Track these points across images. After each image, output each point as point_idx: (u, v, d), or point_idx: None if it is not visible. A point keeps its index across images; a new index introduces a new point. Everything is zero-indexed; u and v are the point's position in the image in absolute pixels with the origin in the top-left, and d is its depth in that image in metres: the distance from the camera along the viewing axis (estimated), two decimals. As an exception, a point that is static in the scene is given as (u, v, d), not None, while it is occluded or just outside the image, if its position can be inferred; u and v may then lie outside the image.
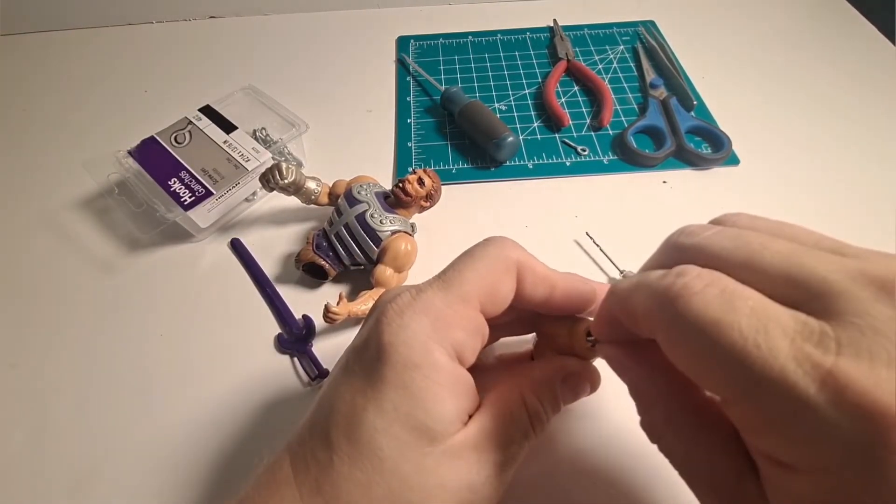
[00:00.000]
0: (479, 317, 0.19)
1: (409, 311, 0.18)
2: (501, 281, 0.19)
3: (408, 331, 0.17)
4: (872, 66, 0.47)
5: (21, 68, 0.53)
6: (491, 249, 0.20)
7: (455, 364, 0.18)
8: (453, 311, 0.18)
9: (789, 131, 0.42)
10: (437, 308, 0.18)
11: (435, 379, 0.17)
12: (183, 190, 0.35)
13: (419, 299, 0.18)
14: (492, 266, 0.19)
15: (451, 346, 0.18)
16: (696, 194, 0.39)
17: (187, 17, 0.57)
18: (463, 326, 0.18)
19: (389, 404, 0.17)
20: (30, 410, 0.30)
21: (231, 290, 0.35)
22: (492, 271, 0.19)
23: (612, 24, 0.53)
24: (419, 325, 0.18)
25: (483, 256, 0.19)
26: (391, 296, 0.19)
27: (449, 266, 0.20)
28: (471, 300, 0.18)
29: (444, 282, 0.19)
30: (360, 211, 0.33)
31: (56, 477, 0.28)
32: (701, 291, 0.13)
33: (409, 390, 0.17)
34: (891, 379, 0.11)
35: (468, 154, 0.42)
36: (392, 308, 0.18)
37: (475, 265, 0.19)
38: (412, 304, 0.18)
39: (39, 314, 0.35)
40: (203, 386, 0.31)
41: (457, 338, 0.18)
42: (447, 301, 0.18)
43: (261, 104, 0.41)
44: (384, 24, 0.55)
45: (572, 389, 0.21)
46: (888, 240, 0.34)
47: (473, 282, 0.19)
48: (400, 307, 0.18)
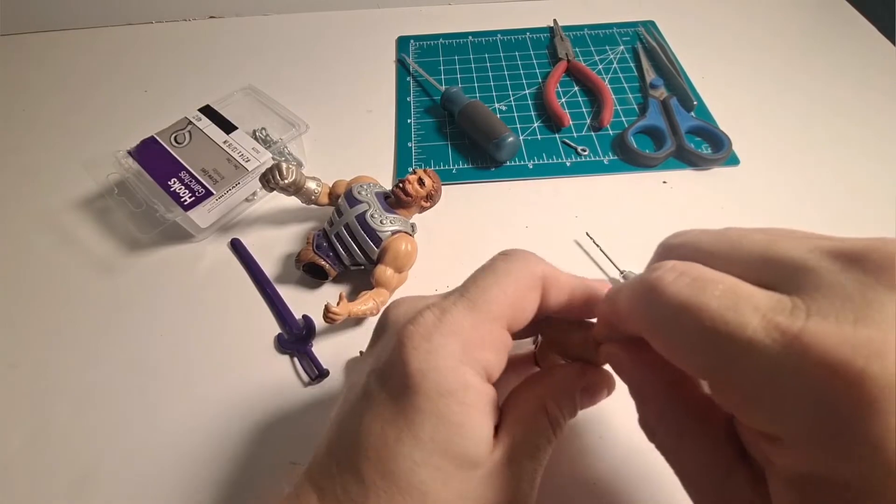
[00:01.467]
0: (506, 335, 0.18)
1: (437, 334, 0.17)
2: (527, 298, 0.19)
3: (438, 356, 0.17)
4: (872, 67, 0.47)
5: (21, 68, 0.53)
6: (516, 265, 0.19)
7: (485, 384, 0.18)
8: (482, 332, 0.18)
9: (789, 131, 0.42)
10: (466, 330, 0.17)
11: (470, 403, 0.17)
12: (183, 190, 0.35)
13: (445, 321, 0.17)
14: (518, 284, 0.19)
15: (481, 367, 0.17)
16: (696, 194, 0.39)
17: (187, 17, 0.57)
18: (493, 347, 0.18)
19: (426, 435, 0.16)
20: (30, 410, 0.30)
21: (231, 290, 0.35)
22: (518, 289, 0.19)
23: (612, 24, 0.53)
24: (449, 349, 0.17)
25: (508, 273, 0.19)
26: (409, 313, 0.19)
27: (471, 281, 0.19)
28: (499, 320, 0.18)
29: (469, 301, 0.18)
30: (360, 211, 0.33)
31: (56, 477, 0.28)
32: (673, 280, 0.14)
33: (446, 419, 0.16)
34: (857, 336, 0.11)
35: (468, 154, 0.42)
36: (417, 331, 0.17)
37: (500, 282, 0.18)
38: (439, 326, 0.17)
39: (39, 314, 0.35)
40: (203, 386, 0.31)
41: (487, 359, 0.18)
42: (475, 322, 0.18)
43: (261, 104, 0.41)
44: (384, 24, 0.55)
45: (591, 397, 0.21)
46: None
47: (501, 301, 0.18)
48: (427, 330, 0.17)
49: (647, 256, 0.19)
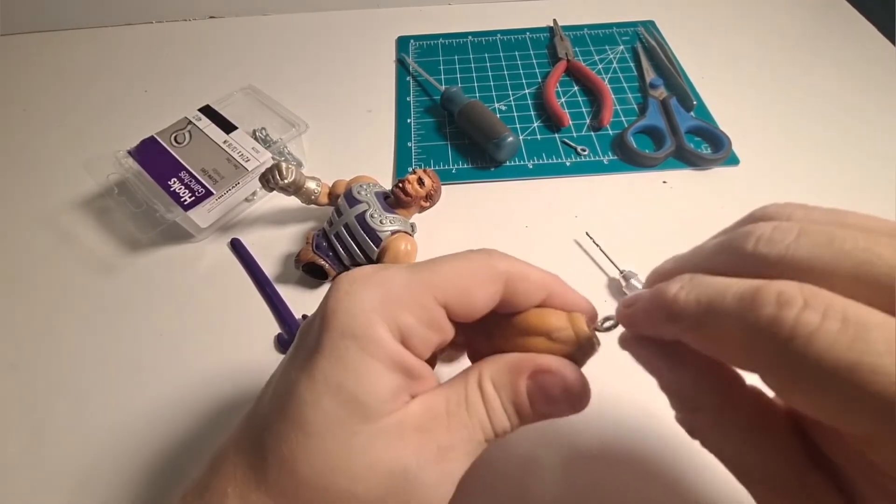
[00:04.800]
0: (438, 311, 0.17)
1: (361, 281, 0.17)
2: (479, 288, 0.17)
3: (353, 300, 0.16)
4: (872, 66, 0.47)
5: (21, 68, 0.53)
6: (478, 254, 0.18)
7: (395, 343, 0.16)
8: (409, 293, 0.16)
9: (789, 131, 0.42)
10: (393, 285, 0.16)
11: (372, 352, 0.15)
12: (183, 190, 0.35)
13: (378, 274, 0.17)
14: (473, 269, 0.17)
15: (396, 326, 0.16)
16: (696, 194, 0.39)
17: (187, 17, 0.57)
18: (415, 313, 0.16)
19: (320, 374, 0.15)
20: (30, 410, 0.30)
21: (231, 290, 0.35)
22: (471, 274, 0.17)
23: (612, 24, 0.53)
24: (366, 295, 0.16)
25: (467, 257, 0.18)
26: (352, 271, 0.18)
27: (429, 259, 0.18)
28: (434, 290, 0.17)
29: (413, 266, 0.17)
30: (359, 211, 0.33)
31: (56, 477, 0.28)
32: (820, 328, 0.11)
33: (343, 361, 0.15)
34: None
35: (468, 154, 0.42)
36: (346, 278, 0.17)
37: (455, 262, 0.18)
38: (369, 276, 0.17)
39: (40, 314, 0.35)
40: (203, 386, 0.31)
41: (405, 321, 0.16)
42: (407, 282, 0.17)
43: (261, 104, 0.41)
44: (384, 24, 0.55)
45: (542, 391, 0.17)
46: (888, 240, 0.34)
47: (445, 276, 0.17)
48: (354, 277, 0.17)
49: (647, 256, 0.19)
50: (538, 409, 0.17)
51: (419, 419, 0.16)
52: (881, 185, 0.38)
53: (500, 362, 0.18)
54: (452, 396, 0.17)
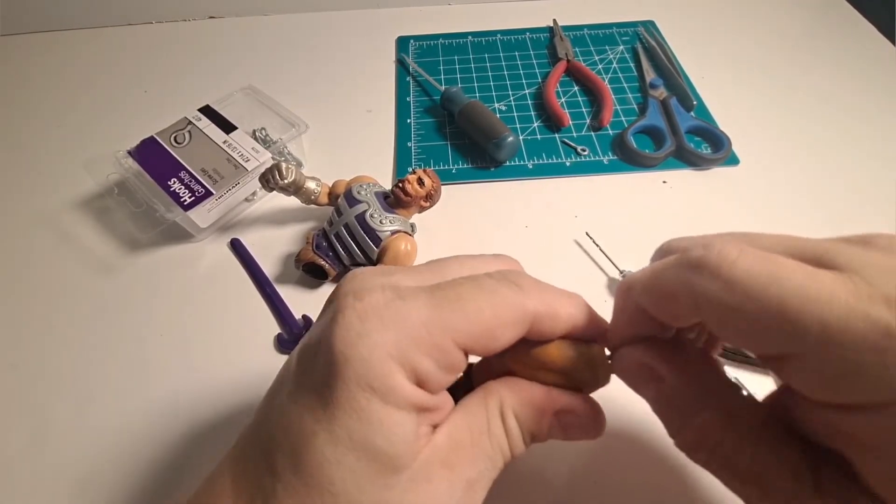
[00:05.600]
0: (458, 355, 0.16)
1: (375, 318, 0.15)
2: (504, 329, 0.16)
3: (367, 344, 0.15)
4: (872, 66, 0.47)
5: (21, 68, 0.53)
6: (507, 293, 0.16)
7: (414, 389, 0.15)
8: (430, 337, 0.15)
9: (789, 131, 0.42)
10: (412, 326, 0.15)
11: (394, 402, 0.15)
12: (183, 190, 0.35)
13: (393, 307, 0.15)
14: (500, 311, 0.16)
15: (413, 371, 0.15)
16: (696, 194, 0.39)
17: (187, 17, 0.58)
18: (434, 357, 0.15)
19: (342, 431, 0.14)
20: (30, 411, 0.30)
21: (231, 290, 0.35)
22: (497, 317, 0.16)
23: (612, 24, 0.53)
24: (383, 339, 0.15)
25: (494, 293, 0.16)
26: (357, 286, 0.16)
27: (449, 282, 0.17)
28: (457, 335, 0.15)
29: (434, 300, 0.16)
30: (359, 211, 0.33)
31: (56, 477, 0.28)
32: (741, 254, 0.13)
33: (365, 415, 0.14)
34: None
35: (468, 154, 0.42)
36: (355, 310, 0.15)
37: (481, 302, 0.16)
38: (382, 310, 0.15)
39: (40, 314, 0.35)
40: (203, 386, 0.31)
41: (423, 367, 0.15)
42: (428, 323, 0.15)
43: (261, 104, 0.41)
44: (384, 24, 0.55)
45: (563, 427, 0.18)
46: (888, 240, 0.34)
47: (470, 319, 0.16)
48: (366, 311, 0.15)
49: (647, 256, 0.19)
50: (553, 437, 0.18)
51: (445, 454, 0.16)
52: (881, 185, 0.38)
53: (524, 395, 0.18)
54: (475, 426, 0.17)
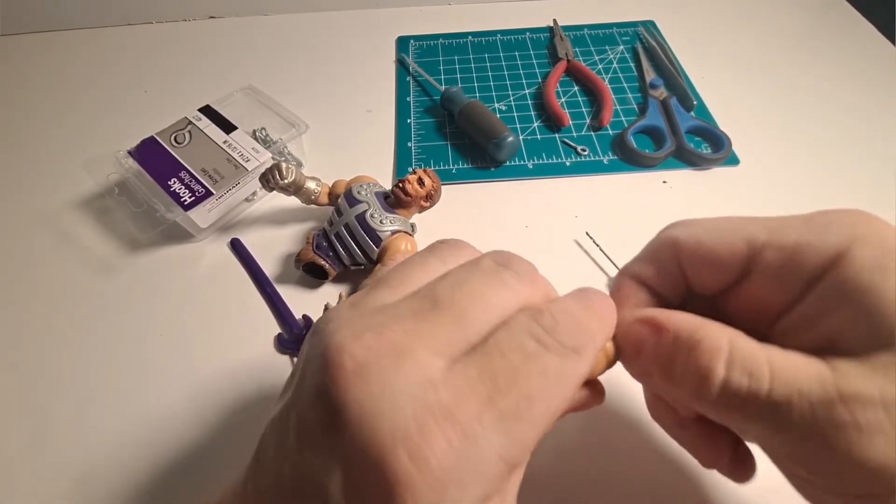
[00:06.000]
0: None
1: (450, 483, 0.12)
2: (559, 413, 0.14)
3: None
4: (872, 66, 0.47)
5: (21, 68, 0.53)
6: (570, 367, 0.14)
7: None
8: (509, 467, 0.13)
9: (789, 131, 0.42)
10: (493, 477, 0.12)
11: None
12: (183, 190, 0.35)
13: (466, 460, 0.12)
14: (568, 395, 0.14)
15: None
16: (696, 194, 0.39)
17: (187, 17, 0.58)
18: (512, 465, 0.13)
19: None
20: (30, 410, 0.30)
21: (231, 290, 0.35)
22: (566, 402, 0.14)
23: (612, 24, 0.53)
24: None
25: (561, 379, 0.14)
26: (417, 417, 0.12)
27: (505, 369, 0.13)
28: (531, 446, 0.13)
29: (505, 421, 0.12)
30: (360, 211, 0.33)
31: (56, 477, 0.28)
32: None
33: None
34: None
35: (468, 154, 0.42)
36: (422, 474, 0.12)
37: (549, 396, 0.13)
38: (456, 466, 0.12)
39: (40, 314, 0.35)
40: (203, 386, 0.31)
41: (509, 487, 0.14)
42: (506, 455, 0.12)
43: (261, 104, 0.41)
44: (384, 24, 0.55)
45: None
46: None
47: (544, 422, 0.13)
48: (433, 471, 0.12)
49: (646, 256, 0.19)
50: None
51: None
52: (881, 185, 0.38)
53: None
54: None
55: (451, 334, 0.14)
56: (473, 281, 0.15)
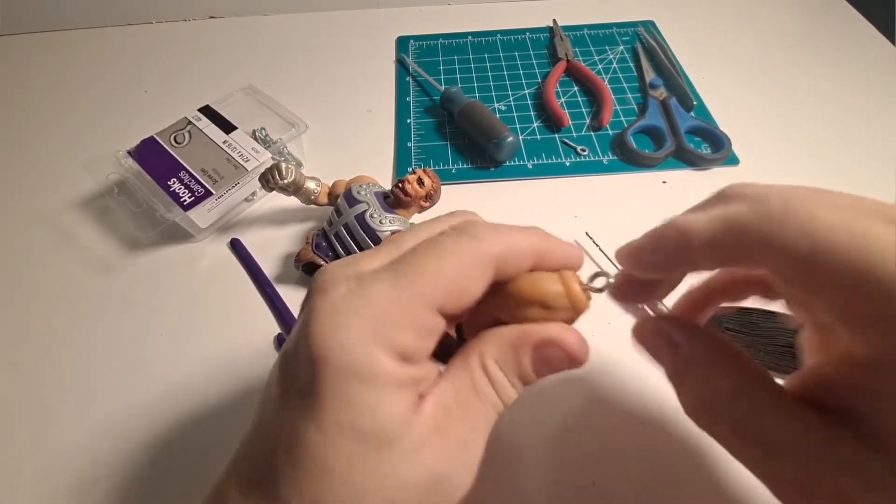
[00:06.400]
0: (434, 318, 0.16)
1: (345, 310, 0.15)
2: (472, 280, 0.16)
3: (344, 334, 0.15)
4: (872, 66, 0.47)
5: (21, 68, 0.53)
6: (464, 244, 0.16)
7: (400, 366, 0.15)
8: (402, 311, 0.15)
9: (789, 131, 0.42)
10: (382, 306, 0.15)
11: (379, 385, 0.15)
12: (182, 190, 0.35)
13: (358, 294, 0.16)
14: (463, 265, 0.16)
15: (394, 350, 0.15)
16: (696, 194, 0.38)
17: (187, 17, 0.58)
18: (414, 329, 0.15)
19: (331, 421, 0.15)
20: (30, 410, 0.30)
21: (231, 290, 0.35)
22: (461, 271, 0.16)
23: (612, 24, 0.53)
24: (357, 326, 0.15)
25: (453, 252, 0.16)
26: (322, 283, 0.16)
27: (408, 252, 0.17)
28: (427, 300, 0.16)
29: (396, 276, 0.16)
30: (359, 211, 0.33)
31: (57, 475, 0.28)
32: (823, 208, 0.14)
33: (351, 403, 0.15)
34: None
35: (468, 154, 0.42)
36: (324, 306, 0.16)
37: (441, 262, 0.16)
38: (350, 300, 0.15)
39: (40, 314, 0.35)
40: (203, 386, 0.31)
41: (404, 341, 0.15)
42: (396, 298, 0.15)
43: (260, 104, 0.41)
44: (384, 24, 0.55)
45: (546, 360, 0.17)
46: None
47: (435, 281, 0.16)
48: (335, 305, 0.15)
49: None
50: (541, 374, 0.18)
51: (434, 420, 0.16)
52: (881, 185, 0.38)
53: (501, 340, 0.17)
54: (460, 386, 0.17)
55: (391, 253, 0.17)
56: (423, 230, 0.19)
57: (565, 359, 0.17)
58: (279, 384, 0.16)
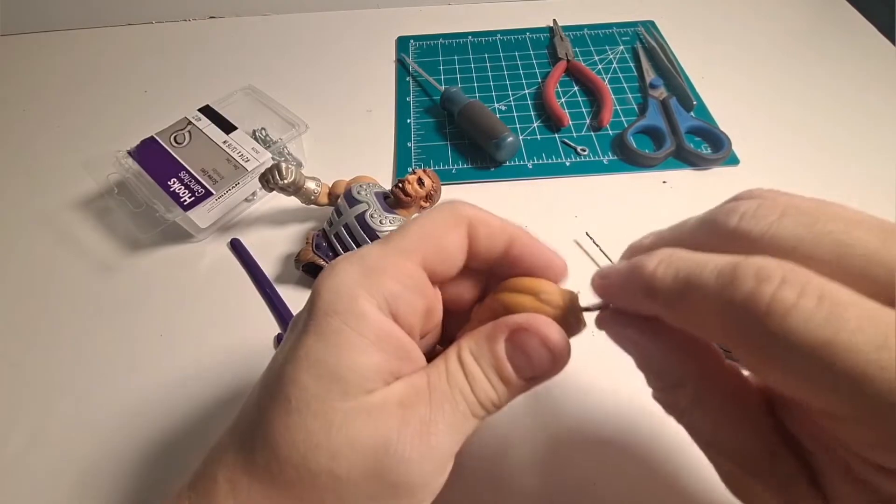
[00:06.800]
0: (419, 272, 0.17)
1: (341, 261, 0.17)
2: (448, 235, 0.18)
3: (335, 277, 0.16)
4: (872, 66, 0.47)
5: (21, 68, 0.53)
6: (440, 208, 0.18)
7: (385, 317, 0.16)
8: (388, 261, 0.17)
9: (789, 131, 0.42)
10: (371, 258, 0.17)
11: (355, 327, 0.15)
12: (183, 190, 0.35)
13: (355, 253, 0.17)
14: (437, 221, 0.18)
15: (382, 296, 0.16)
16: (696, 194, 0.39)
17: (187, 17, 0.58)
18: (398, 278, 0.16)
19: (303, 351, 0.15)
20: (30, 409, 0.30)
21: (231, 290, 0.35)
22: (437, 226, 0.18)
23: (612, 24, 0.53)
24: (347, 273, 0.16)
25: (429, 214, 0.18)
26: (331, 264, 0.18)
27: (398, 227, 0.19)
28: (410, 254, 0.17)
29: (385, 239, 0.18)
30: (359, 211, 0.33)
31: (56, 474, 0.28)
32: (797, 304, 0.11)
33: (325, 337, 0.15)
34: None
35: (468, 154, 0.42)
36: (328, 266, 0.17)
37: (420, 222, 0.18)
38: (347, 256, 0.17)
39: (39, 314, 0.35)
40: (203, 386, 0.31)
41: (389, 288, 0.16)
42: (383, 253, 0.17)
43: (261, 104, 0.41)
44: (384, 24, 0.55)
45: (522, 349, 0.16)
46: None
47: (415, 236, 0.17)
48: (335, 263, 0.17)
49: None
50: (521, 371, 0.17)
51: (400, 396, 0.16)
52: (881, 185, 0.38)
53: (478, 331, 0.17)
54: (433, 372, 0.17)
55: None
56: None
57: (543, 351, 0.16)
58: (284, 338, 0.18)
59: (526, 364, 0.17)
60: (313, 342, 0.15)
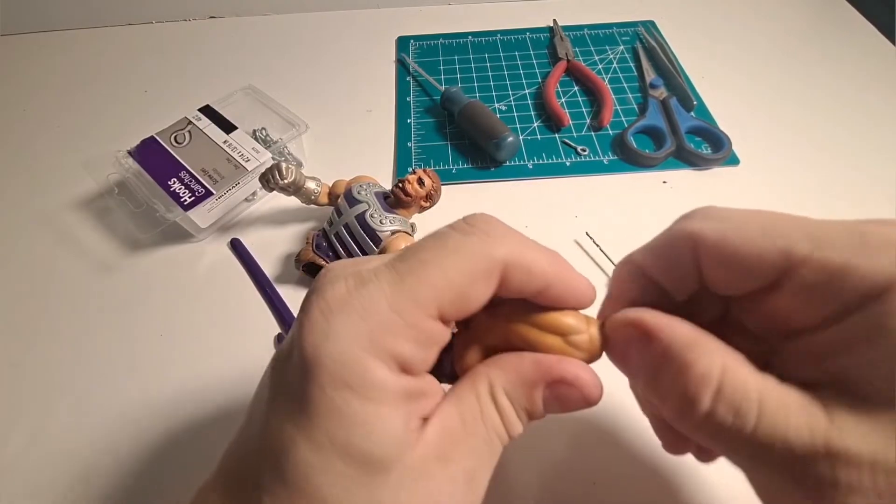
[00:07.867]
0: (435, 326, 0.15)
1: (340, 312, 0.14)
2: (475, 287, 0.15)
3: (336, 341, 0.14)
4: (872, 66, 0.47)
5: (21, 68, 0.53)
6: (471, 243, 0.15)
7: (397, 377, 0.14)
8: (401, 318, 0.14)
9: (789, 131, 0.42)
10: (380, 312, 0.14)
11: (375, 398, 0.14)
12: (183, 190, 0.35)
13: (356, 296, 0.14)
14: (467, 267, 0.15)
15: (392, 358, 0.14)
16: (696, 194, 0.39)
17: (187, 17, 0.58)
18: (410, 337, 0.14)
19: (324, 436, 0.13)
20: (30, 409, 0.30)
21: (231, 290, 0.35)
22: (465, 274, 0.15)
23: (612, 24, 0.53)
24: (351, 333, 0.14)
25: (458, 250, 0.15)
26: (322, 282, 0.15)
27: (411, 249, 0.16)
28: (428, 306, 0.14)
29: (397, 275, 0.15)
30: (359, 211, 0.33)
31: (56, 475, 0.28)
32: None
33: (344, 416, 0.14)
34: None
35: (468, 154, 0.42)
36: (318, 306, 0.14)
37: (445, 262, 0.15)
38: (346, 302, 0.14)
39: (39, 314, 0.35)
40: (203, 386, 0.31)
41: (402, 351, 0.14)
42: (395, 302, 0.14)
43: (261, 104, 0.41)
44: (384, 24, 0.55)
45: (560, 399, 0.16)
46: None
47: (437, 284, 0.14)
48: (329, 306, 0.14)
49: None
50: (550, 412, 0.17)
51: (438, 447, 0.15)
52: (881, 185, 0.38)
53: (514, 372, 0.16)
54: (467, 413, 0.16)
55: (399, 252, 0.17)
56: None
57: (580, 400, 0.16)
58: (270, 386, 0.16)
59: (560, 409, 0.16)
60: (332, 424, 0.14)
